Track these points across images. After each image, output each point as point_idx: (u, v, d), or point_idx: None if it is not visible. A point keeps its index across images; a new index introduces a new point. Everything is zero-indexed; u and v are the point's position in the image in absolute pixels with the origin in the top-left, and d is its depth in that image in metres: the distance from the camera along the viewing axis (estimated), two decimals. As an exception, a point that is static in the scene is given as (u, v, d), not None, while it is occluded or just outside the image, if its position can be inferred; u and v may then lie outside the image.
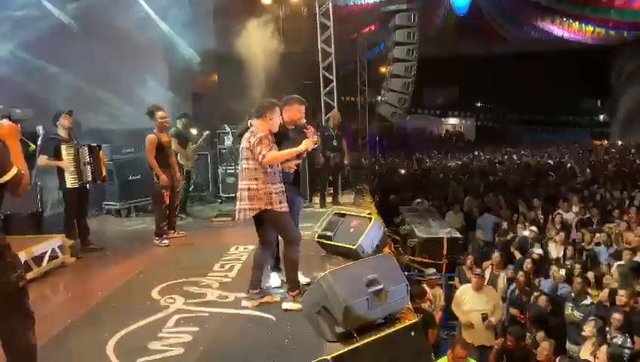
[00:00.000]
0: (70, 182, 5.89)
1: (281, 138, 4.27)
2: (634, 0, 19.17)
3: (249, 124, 4.25)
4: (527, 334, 5.95)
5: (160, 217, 6.40)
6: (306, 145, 4.16)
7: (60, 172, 5.91)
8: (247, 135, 4.15)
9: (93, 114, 8.70)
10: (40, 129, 5.94)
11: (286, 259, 4.27)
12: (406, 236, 9.82)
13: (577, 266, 6.92)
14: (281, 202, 4.13)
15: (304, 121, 4.47)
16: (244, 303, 4.32)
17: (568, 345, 5.99)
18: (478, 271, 6.91)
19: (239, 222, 4.30)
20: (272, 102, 4.24)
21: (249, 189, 4.10)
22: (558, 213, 9.88)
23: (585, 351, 5.25)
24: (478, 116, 41.59)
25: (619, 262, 7.19)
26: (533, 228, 9.12)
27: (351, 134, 17.56)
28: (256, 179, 4.08)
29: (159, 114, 6.37)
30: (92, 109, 8.71)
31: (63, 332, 3.91)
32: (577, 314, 5.98)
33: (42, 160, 5.80)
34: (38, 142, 5.84)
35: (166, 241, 6.39)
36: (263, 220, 4.21)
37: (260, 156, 3.99)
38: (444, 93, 41.50)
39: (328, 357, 2.75)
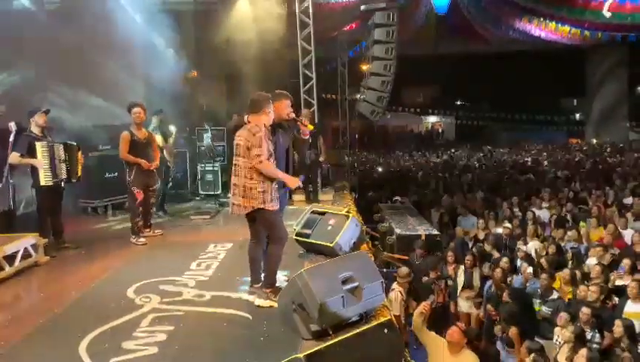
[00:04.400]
0: (44, 179, 5.79)
1: (274, 132, 4.33)
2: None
3: (246, 120, 4.23)
4: (497, 327, 6.06)
5: (133, 215, 6.34)
6: (294, 183, 4.30)
7: (34, 170, 5.80)
8: (243, 132, 4.13)
9: (69, 111, 8.57)
10: (12, 125, 5.86)
11: (269, 256, 4.27)
12: (385, 233, 9.89)
13: (545, 262, 7.04)
14: (272, 201, 4.14)
15: (292, 115, 4.53)
16: (250, 298, 4.32)
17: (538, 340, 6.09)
18: (454, 329, 4.95)
19: (232, 215, 4.31)
20: (266, 95, 4.26)
21: (244, 187, 4.10)
22: (532, 211, 10.05)
23: (561, 355, 5.29)
24: (458, 114, 42.02)
25: (592, 259, 7.34)
26: (508, 224, 9.26)
27: (331, 132, 17.65)
28: (251, 177, 4.07)
29: (133, 110, 6.33)
30: (68, 106, 8.57)
31: (35, 333, 3.86)
32: (545, 310, 6.09)
33: (14, 157, 5.72)
34: (10, 139, 5.78)
35: (142, 240, 6.33)
36: (254, 217, 4.21)
37: (257, 159, 4.00)
38: (425, 92, 41.91)
39: (301, 355, 2.77)
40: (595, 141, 29.84)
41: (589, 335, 5.34)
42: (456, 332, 4.81)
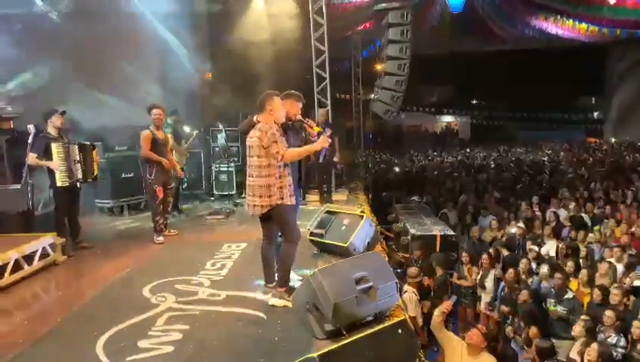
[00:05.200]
0: (60, 180, 5.87)
1: (285, 131, 4.33)
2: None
3: (255, 120, 4.24)
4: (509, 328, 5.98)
5: (154, 213, 6.42)
6: (322, 143, 4.25)
7: (51, 171, 5.89)
8: (254, 132, 4.14)
9: (86, 111, 8.67)
10: (31, 127, 5.96)
11: (282, 256, 4.27)
12: (399, 233, 9.84)
13: (570, 264, 6.93)
14: (291, 196, 4.16)
15: (299, 117, 4.52)
16: (264, 297, 4.35)
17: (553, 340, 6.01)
18: (479, 326, 5.12)
19: (247, 216, 4.34)
20: (269, 93, 4.25)
21: (260, 186, 4.10)
22: (552, 211, 9.92)
23: (573, 351, 5.24)
24: (473, 114, 41.65)
25: (610, 260, 7.21)
26: (521, 224, 9.14)
27: (346, 132, 17.62)
28: (267, 174, 4.08)
29: (154, 111, 6.46)
30: (85, 107, 8.67)
31: (52, 331, 3.92)
32: (560, 309, 6.01)
33: (32, 158, 5.81)
34: (29, 140, 5.88)
35: (161, 238, 6.42)
36: (270, 216, 4.21)
37: (279, 156, 4.01)
38: (439, 91, 41.53)
39: (315, 355, 2.76)
40: (613, 140, 29.36)
41: (614, 339, 5.22)
42: (476, 334, 4.75)
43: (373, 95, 12.72)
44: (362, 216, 5.48)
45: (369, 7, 14.43)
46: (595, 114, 39.23)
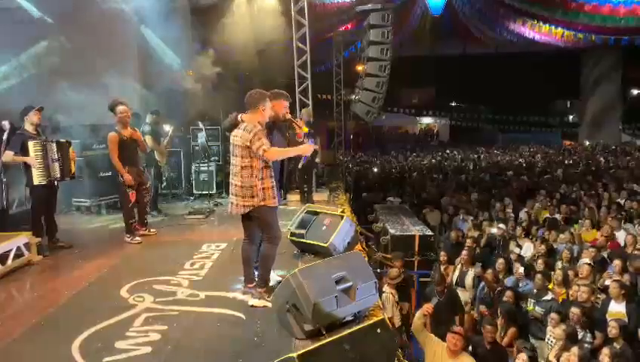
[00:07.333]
0: (37, 178, 5.75)
1: (269, 131, 4.33)
2: (602, 4, 19.72)
3: (239, 119, 4.21)
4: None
5: (127, 215, 6.32)
6: (306, 150, 4.39)
7: (27, 168, 5.76)
8: (238, 132, 4.11)
9: (64, 109, 8.53)
10: (6, 124, 5.83)
11: (263, 256, 4.26)
12: (379, 233, 9.91)
13: (540, 262, 7.07)
14: (274, 197, 4.15)
15: (288, 116, 4.54)
16: (244, 298, 4.33)
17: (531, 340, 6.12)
18: (457, 329, 4.98)
19: (232, 215, 4.27)
20: (262, 93, 4.22)
21: (242, 186, 4.08)
22: (526, 212, 10.09)
23: (553, 354, 5.31)
24: (453, 116, 42.16)
25: (584, 260, 7.36)
26: (502, 225, 9.29)
27: (327, 132, 17.68)
28: (250, 175, 4.06)
29: (119, 108, 6.16)
30: (63, 105, 8.53)
31: (27, 332, 3.85)
32: (539, 310, 6.12)
33: (8, 155, 5.69)
34: (4, 137, 5.75)
35: (138, 238, 6.32)
36: (252, 216, 4.19)
37: (261, 151, 3.96)
38: (420, 93, 42.00)
39: (294, 355, 2.78)
40: (587, 143, 30.04)
41: (580, 335, 5.36)
42: (456, 335, 4.82)
43: (354, 96, 12.80)
44: (342, 217, 5.50)
45: (351, 8, 14.53)
46: (571, 117, 40.11)
